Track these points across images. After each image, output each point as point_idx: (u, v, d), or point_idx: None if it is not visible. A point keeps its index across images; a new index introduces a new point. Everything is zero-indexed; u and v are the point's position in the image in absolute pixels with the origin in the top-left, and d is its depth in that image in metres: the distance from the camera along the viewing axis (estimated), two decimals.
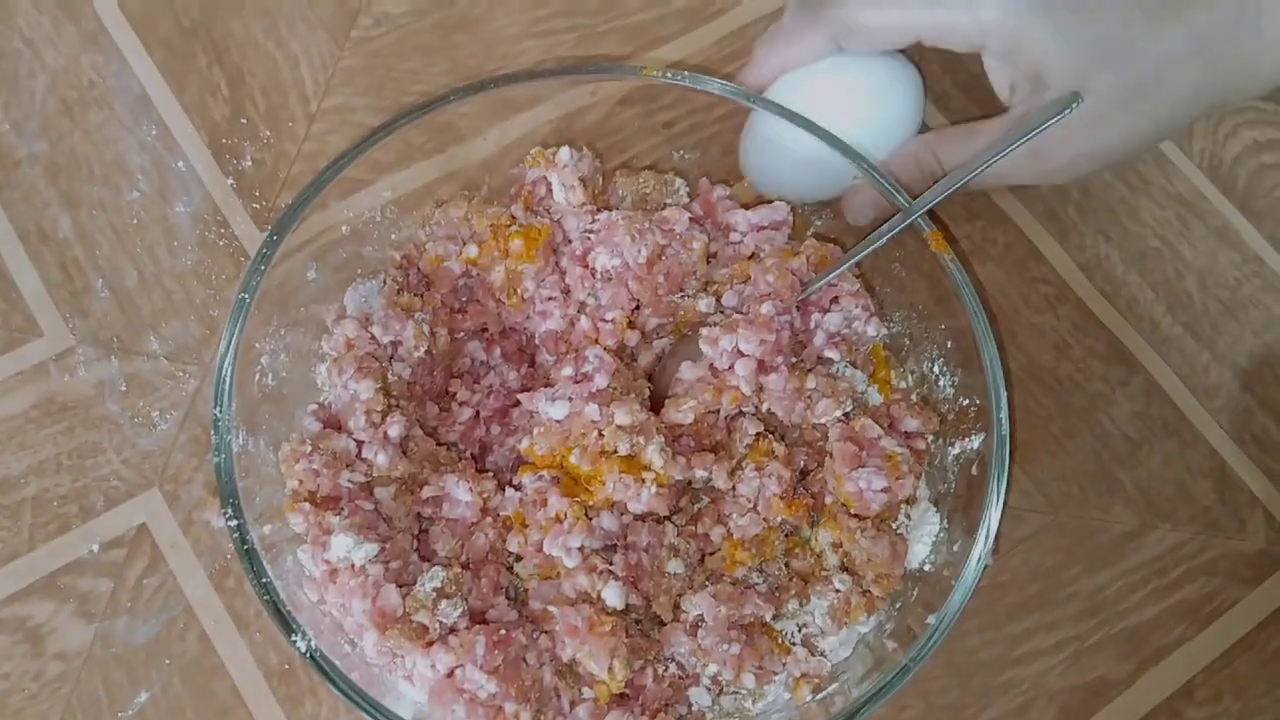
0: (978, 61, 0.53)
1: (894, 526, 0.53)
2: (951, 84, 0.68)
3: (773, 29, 0.59)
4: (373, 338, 0.54)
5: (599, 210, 0.58)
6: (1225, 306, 0.63)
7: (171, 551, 0.55)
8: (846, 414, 0.53)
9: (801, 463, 0.53)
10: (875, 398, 0.55)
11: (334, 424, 0.53)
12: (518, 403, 0.55)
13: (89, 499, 0.56)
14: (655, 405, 0.54)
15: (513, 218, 0.57)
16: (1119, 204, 0.65)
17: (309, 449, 0.51)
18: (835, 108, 0.56)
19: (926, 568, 0.52)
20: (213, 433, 0.49)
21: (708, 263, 0.57)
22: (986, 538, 0.48)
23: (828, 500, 0.53)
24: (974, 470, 0.51)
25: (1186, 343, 0.63)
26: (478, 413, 0.55)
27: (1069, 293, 0.64)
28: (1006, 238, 0.65)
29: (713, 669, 0.50)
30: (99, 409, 0.57)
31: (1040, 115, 0.52)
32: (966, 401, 0.53)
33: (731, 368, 0.53)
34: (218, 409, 0.49)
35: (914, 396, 0.55)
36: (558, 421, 0.51)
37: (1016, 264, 0.64)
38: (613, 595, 0.49)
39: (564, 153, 0.57)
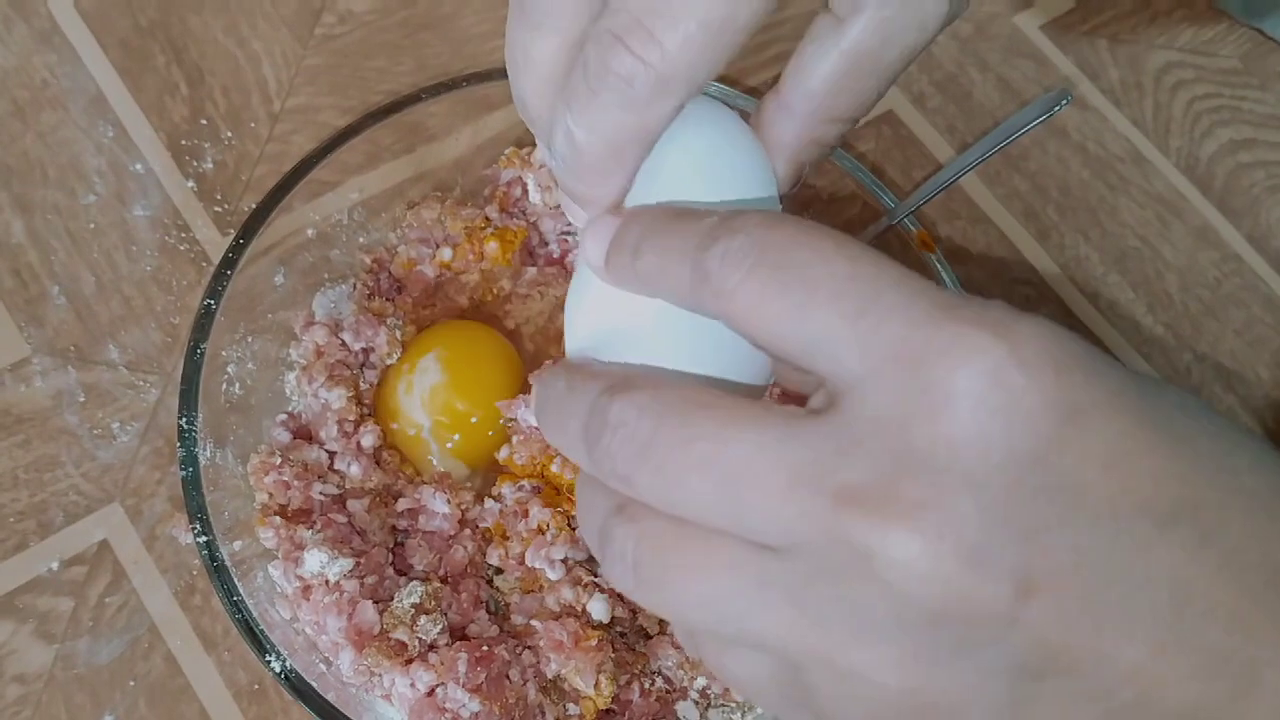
0: (955, 60, 0.52)
1: None
2: (929, 82, 0.67)
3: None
4: (343, 344, 0.53)
5: None
6: (1206, 306, 0.63)
7: (134, 568, 0.53)
8: None
9: None
10: None
11: (304, 434, 0.51)
12: None
13: (47, 514, 0.53)
14: None
15: (487, 220, 0.56)
16: (1098, 203, 0.65)
17: (279, 460, 0.49)
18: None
19: None
20: (178, 445, 0.47)
21: None
22: None
23: None
24: None
25: (1168, 343, 0.62)
26: None
27: (1050, 293, 0.63)
28: (986, 238, 0.64)
29: (701, 682, 0.49)
30: (56, 421, 0.55)
31: (1029, 113, 0.51)
32: None
33: None
34: (184, 420, 0.47)
35: None
36: (537, 429, 0.50)
37: (997, 265, 0.63)
38: (598, 608, 0.47)
39: (539, 152, 0.56)
